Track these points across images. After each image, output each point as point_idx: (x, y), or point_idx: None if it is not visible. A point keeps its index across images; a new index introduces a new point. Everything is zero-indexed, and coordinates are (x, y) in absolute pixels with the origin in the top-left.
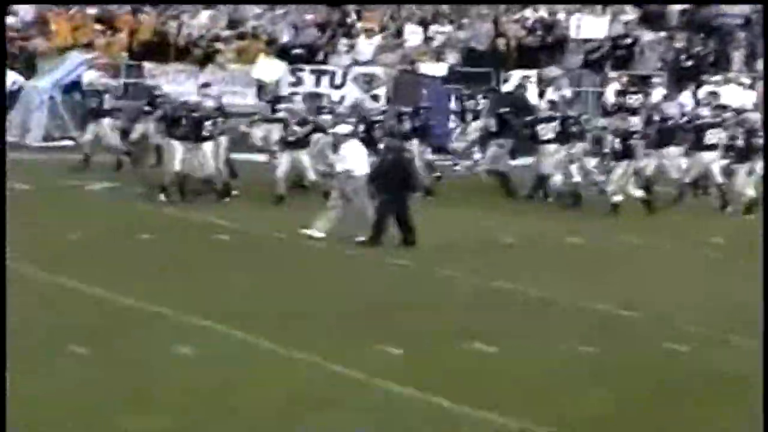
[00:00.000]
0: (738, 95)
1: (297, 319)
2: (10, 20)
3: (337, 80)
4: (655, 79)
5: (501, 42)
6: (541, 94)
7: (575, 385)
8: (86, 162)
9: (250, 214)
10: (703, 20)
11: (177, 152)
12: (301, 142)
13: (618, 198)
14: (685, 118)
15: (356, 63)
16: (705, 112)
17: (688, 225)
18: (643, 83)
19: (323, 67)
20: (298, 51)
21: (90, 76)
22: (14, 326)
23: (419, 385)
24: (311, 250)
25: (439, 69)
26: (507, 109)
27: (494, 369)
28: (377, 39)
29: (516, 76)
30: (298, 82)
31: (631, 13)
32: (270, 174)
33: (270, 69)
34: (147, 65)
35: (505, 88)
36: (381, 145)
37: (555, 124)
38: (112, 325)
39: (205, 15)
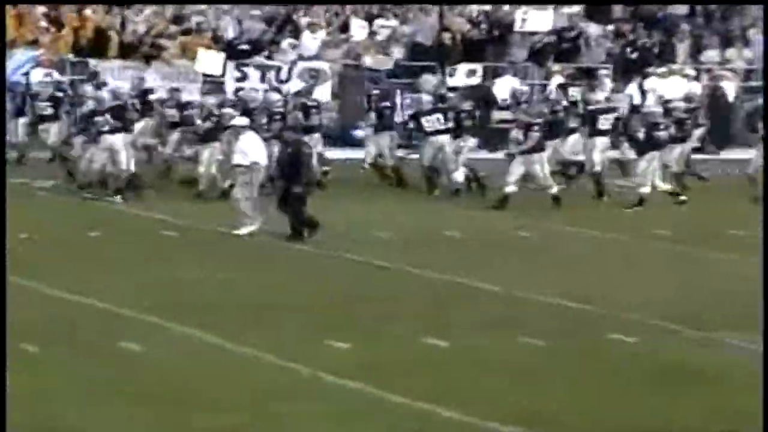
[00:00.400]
0: (682, 87)
1: (249, 314)
2: None
3: (283, 75)
4: (601, 71)
5: (446, 36)
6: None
7: (529, 378)
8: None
9: (193, 210)
10: (648, 12)
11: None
12: (209, 136)
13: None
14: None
15: (301, 58)
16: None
17: (618, 214)
18: (588, 76)
19: (268, 62)
20: (243, 46)
21: (37, 75)
22: None
23: (371, 379)
24: (261, 246)
25: (385, 63)
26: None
27: (445, 362)
28: (322, 34)
29: (461, 69)
30: (243, 78)
31: (575, 6)
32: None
33: (212, 61)
34: (92, 62)
35: (451, 81)
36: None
37: (439, 116)
38: (62, 323)
39: (148, 11)
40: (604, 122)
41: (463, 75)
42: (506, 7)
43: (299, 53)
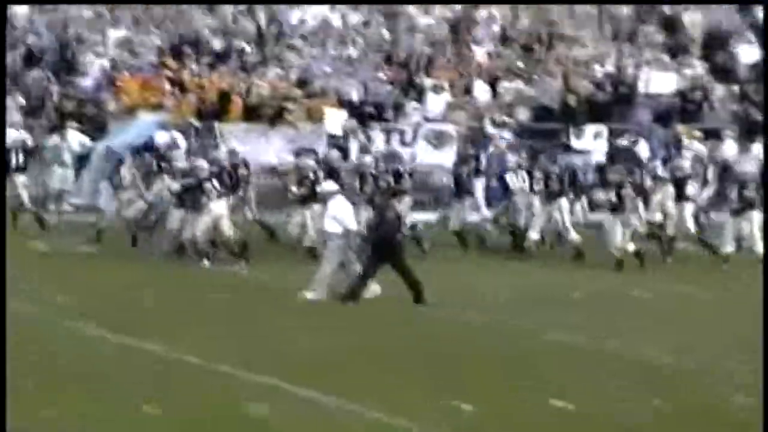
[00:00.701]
0: None
1: (370, 376)
2: (80, 81)
3: (407, 138)
4: (725, 132)
5: (571, 97)
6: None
7: None
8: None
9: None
10: None
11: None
12: (309, 199)
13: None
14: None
15: (426, 120)
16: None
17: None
18: (712, 137)
19: (393, 125)
20: (368, 109)
21: (162, 138)
22: (87, 387)
23: None
24: (377, 308)
25: (508, 125)
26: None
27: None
28: (446, 96)
29: (588, 131)
30: (369, 141)
31: (699, 67)
32: None
33: (337, 119)
34: (217, 125)
35: (578, 144)
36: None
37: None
38: (183, 384)
39: (273, 74)
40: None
41: (591, 137)
42: (630, 69)
43: (424, 115)
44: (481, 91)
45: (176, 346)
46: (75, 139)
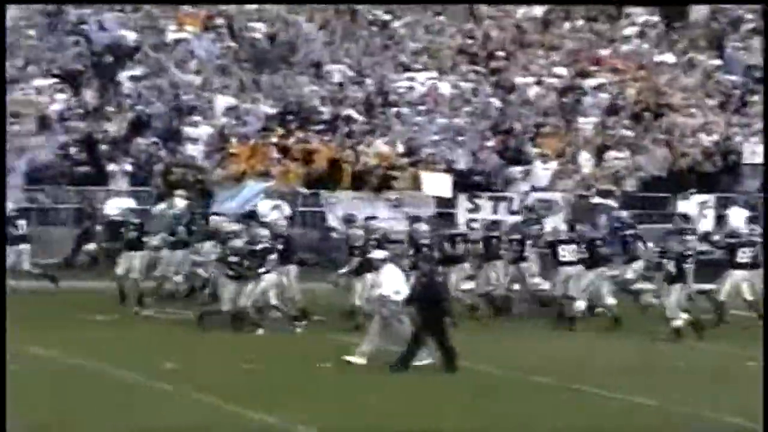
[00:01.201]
0: None
1: None
2: (187, 148)
3: (515, 206)
4: None
5: (678, 166)
6: (719, 219)
7: None
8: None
9: None
10: None
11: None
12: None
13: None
14: None
15: (534, 189)
16: None
17: None
18: None
19: (501, 193)
20: (475, 178)
21: (264, 206)
22: None
23: None
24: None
25: (615, 194)
26: None
27: None
28: (553, 164)
29: (695, 200)
30: (476, 209)
31: None
32: None
33: (439, 184)
34: (324, 193)
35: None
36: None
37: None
38: None
39: (380, 143)
40: None
41: (695, 206)
42: (738, 138)
43: (531, 184)
44: (587, 160)
45: (286, 415)
46: (182, 206)
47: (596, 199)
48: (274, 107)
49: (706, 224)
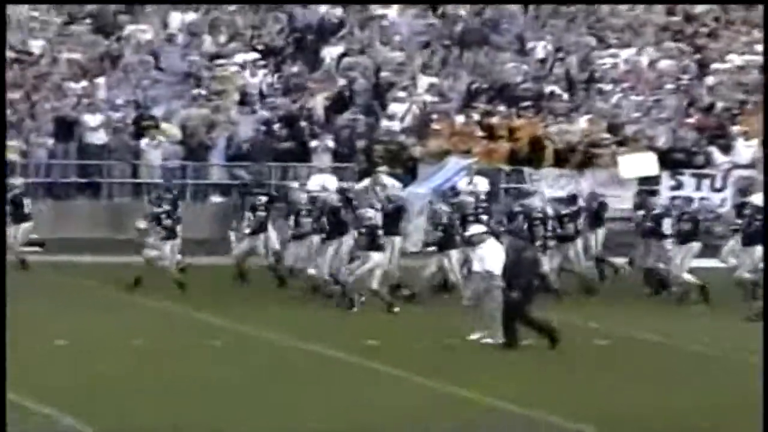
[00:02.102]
0: None
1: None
2: (389, 125)
3: (718, 184)
4: None
5: None
6: None
7: None
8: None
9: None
10: None
11: None
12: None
13: None
14: None
15: (736, 166)
16: None
17: None
18: None
19: (703, 171)
20: (677, 155)
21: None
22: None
23: None
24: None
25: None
26: None
27: None
28: (755, 142)
29: None
30: (678, 186)
31: None
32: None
33: (642, 164)
34: (527, 170)
35: None
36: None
37: None
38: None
39: (583, 121)
40: None
41: None
42: None
43: (733, 161)
44: None
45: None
46: (387, 183)
47: None
48: (476, 84)
49: None
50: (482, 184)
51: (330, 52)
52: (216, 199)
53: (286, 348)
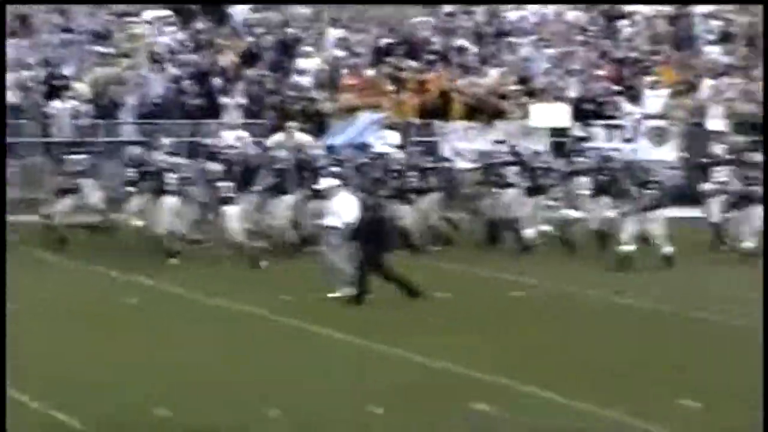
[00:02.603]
0: None
1: (591, 375)
2: (298, 80)
3: (628, 134)
4: None
5: None
6: None
7: None
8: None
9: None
10: None
11: None
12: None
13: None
14: None
15: (646, 117)
16: None
17: None
18: None
19: (613, 121)
20: (587, 106)
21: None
22: (311, 385)
23: None
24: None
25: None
26: None
27: None
28: (664, 93)
29: None
30: (589, 137)
31: None
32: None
33: (553, 114)
34: (437, 123)
35: None
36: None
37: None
38: (406, 383)
39: (493, 73)
40: None
41: None
42: None
43: (643, 112)
44: (701, 87)
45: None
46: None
47: (710, 127)
48: (385, 38)
49: None
50: (393, 138)
51: (238, 8)
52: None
53: (208, 306)
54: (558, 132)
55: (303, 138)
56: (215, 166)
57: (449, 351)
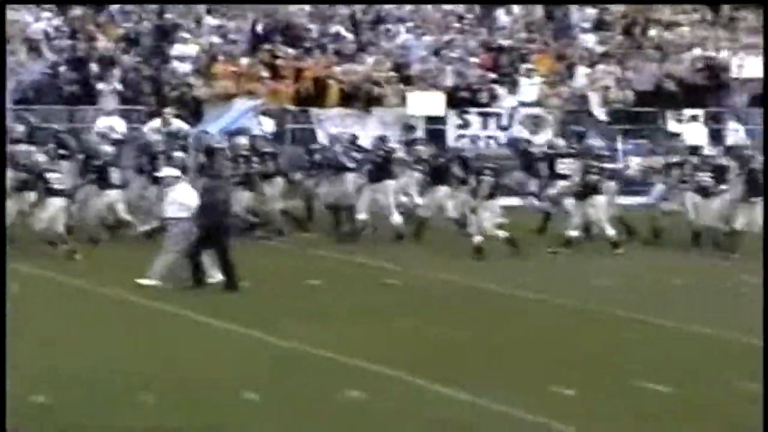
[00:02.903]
0: None
1: (468, 362)
2: (175, 67)
3: (504, 122)
4: None
5: (668, 82)
6: (714, 134)
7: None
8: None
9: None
10: None
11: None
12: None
13: None
14: None
15: (522, 105)
16: None
17: None
18: None
19: (489, 109)
20: (463, 94)
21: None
22: (185, 371)
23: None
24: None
25: (604, 109)
26: None
27: (669, 410)
28: (540, 80)
29: (686, 115)
30: (465, 125)
31: None
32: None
33: (427, 102)
34: (314, 111)
35: (673, 127)
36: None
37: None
38: (281, 370)
39: (369, 60)
40: None
41: (687, 121)
42: (723, 54)
43: (519, 100)
44: (577, 75)
45: (276, 332)
46: (174, 124)
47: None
48: (261, 25)
49: (695, 139)
50: (268, 125)
51: None
52: None
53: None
54: (434, 120)
55: (179, 124)
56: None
57: (322, 338)
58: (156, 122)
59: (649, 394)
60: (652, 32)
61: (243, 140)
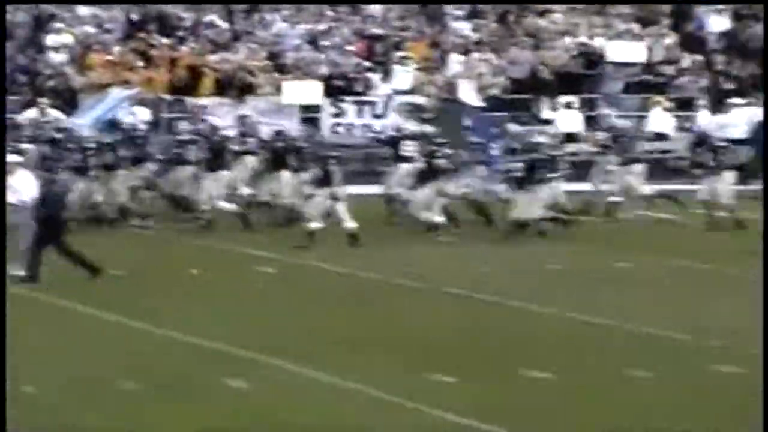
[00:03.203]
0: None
1: (349, 350)
2: (49, 57)
3: (378, 110)
4: (699, 102)
5: (542, 69)
6: (588, 120)
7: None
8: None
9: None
10: (743, 43)
11: None
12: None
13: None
14: None
15: (397, 93)
16: None
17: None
18: (685, 107)
19: (364, 97)
20: (337, 82)
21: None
22: (64, 362)
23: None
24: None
25: (479, 97)
26: None
27: (552, 396)
28: (414, 68)
29: (560, 101)
30: (340, 114)
31: (669, 38)
32: None
33: (306, 92)
34: (188, 100)
35: (547, 114)
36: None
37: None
38: (162, 360)
39: (243, 48)
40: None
41: (561, 107)
42: (601, 39)
43: (393, 88)
44: (451, 63)
45: (162, 323)
46: (51, 115)
47: (461, 102)
48: (135, 14)
49: (570, 127)
50: (143, 114)
51: None
52: None
53: None
54: (309, 108)
55: (55, 114)
56: None
57: (200, 326)
58: (31, 112)
59: (534, 382)
60: (527, 20)
61: (85, 131)
